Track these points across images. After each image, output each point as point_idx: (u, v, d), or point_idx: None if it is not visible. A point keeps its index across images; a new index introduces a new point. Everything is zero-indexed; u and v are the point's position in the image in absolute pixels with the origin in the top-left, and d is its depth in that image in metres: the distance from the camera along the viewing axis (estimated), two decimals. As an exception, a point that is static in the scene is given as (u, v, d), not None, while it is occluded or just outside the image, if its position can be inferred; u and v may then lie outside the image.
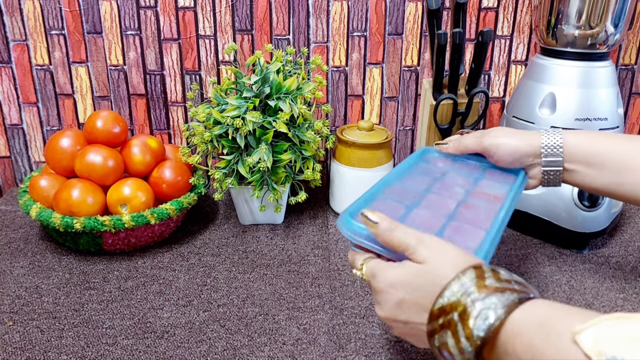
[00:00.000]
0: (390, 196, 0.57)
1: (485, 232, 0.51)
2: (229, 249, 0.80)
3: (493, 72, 0.98)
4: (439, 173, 0.64)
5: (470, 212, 0.55)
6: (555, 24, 0.78)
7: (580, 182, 0.60)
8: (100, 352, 0.59)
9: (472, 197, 0.58)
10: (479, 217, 0.54)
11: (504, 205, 0.57)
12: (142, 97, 0.97)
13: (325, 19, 0.93)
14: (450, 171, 0.64)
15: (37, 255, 0.78)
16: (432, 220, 0.53)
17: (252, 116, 0.75)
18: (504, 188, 0.60)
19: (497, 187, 0.60)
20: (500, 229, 0.53)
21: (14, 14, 0.91)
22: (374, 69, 0.96)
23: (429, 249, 0.44)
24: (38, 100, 0.97)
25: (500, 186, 0.61)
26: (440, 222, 0.53)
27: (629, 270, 0.76)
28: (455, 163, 0.67)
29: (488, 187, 0.61)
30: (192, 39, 0.93)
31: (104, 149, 0.78)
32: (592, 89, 0.77)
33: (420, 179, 0.62)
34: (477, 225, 0.53)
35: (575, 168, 0.59)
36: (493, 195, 0.59)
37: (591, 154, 0.58)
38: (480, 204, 0.57)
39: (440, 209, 0.56)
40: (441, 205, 0.56)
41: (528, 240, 0.84)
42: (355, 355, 0.59)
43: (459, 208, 0.56)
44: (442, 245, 0.45)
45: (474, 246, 0.49)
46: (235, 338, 0.62)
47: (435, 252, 0.44)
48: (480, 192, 0.59)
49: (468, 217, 0.54)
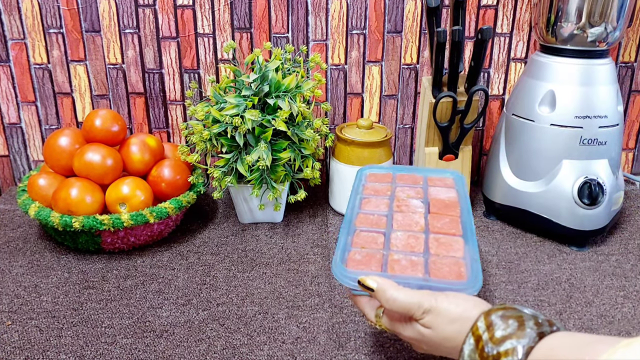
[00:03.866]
0: (363, 227, 0.59)
1: (462, 239, 0.56)
2: (228, 248, 0.80)
3: (492, 70, 0.97)
4: (388, 190, 0.67)
5: (439, 222, 0.59)
6: (554, 21, 0.77)
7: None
8: (100, 351, 0.59)
9: (432, 207, 0.62)
10: (447, 224, 0.59)
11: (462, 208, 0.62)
12: (140, 96, 0.97)
13: (324, 17, 0.92)
14: (397, 185, 0.68)
15: (35, 255, 0.77)
16: (412, 241, 0.56)
17: (251, 114, 0.75)
18: (451, 192, 0.66)
19: (445, 192, 0.66)
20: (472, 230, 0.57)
21: (12, 13, 0.91)
22: (373, 67, 0.96)
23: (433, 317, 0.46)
24: (36, 99, 0.97)
25: (447, 190, 0.66)
26: (420, 240, 0.56)
27: (629, 268, 0.76)
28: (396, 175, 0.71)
29: (438, 194, 0.65)
30: (191, 37, 0.93)
31: (102, 147, 0.78)
32: (591, 87, 0.77)
33: (375, 201, 0.65)
34: (451, 233, 0.57)
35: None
36: (447, 200, 0.63)
37: None
38: (442, 212, 0.61)
39: (412, 226, 0.59)
40: (411, 222, 0.60)
41: (528, 238, 0.84)
42: (355, 354, 0.59)
43: (427, 220, 0.60)
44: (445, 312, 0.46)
45: (460, 255, 0.53)
46: (234, 337, 0.61)
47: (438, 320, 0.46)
48: (435, 200, 0.64)
49: (439, 227, 0.58)
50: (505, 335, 0.41)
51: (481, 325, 0.43)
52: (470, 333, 0.43)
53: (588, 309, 0.67)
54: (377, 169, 0.73)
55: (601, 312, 0.67)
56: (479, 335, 0.42)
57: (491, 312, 0.43)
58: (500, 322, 0.42)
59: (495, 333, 0.41)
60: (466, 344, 0.43)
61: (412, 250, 0.54)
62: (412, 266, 0.52)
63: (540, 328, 0.41)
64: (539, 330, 0.41)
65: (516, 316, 0.42)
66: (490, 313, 0.43)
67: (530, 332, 0.40)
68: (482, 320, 0.43)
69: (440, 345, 0.47)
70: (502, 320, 0.42)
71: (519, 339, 0.40)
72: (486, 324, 0.42)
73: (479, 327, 0.43)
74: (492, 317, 0.43)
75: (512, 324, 0.41)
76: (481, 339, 0.42)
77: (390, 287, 0.48)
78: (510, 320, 0.42)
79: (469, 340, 0.43)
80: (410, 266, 0.52)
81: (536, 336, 0.40)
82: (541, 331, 0.41)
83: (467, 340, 0.43)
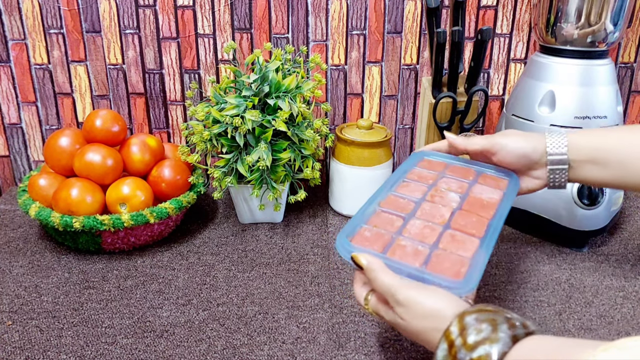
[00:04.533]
0: (386, 209, 0.58)
1: (479, 240, 0.53)
2: (229, 248, 0.80)
3: (492, 71, 0.98)
4: (432, 178, 0.65)
5: (464, 220, 0.57)
6: (554, 22, 0.78)
7: (585, 178, 0.61)
8: (100, 351, 0.59)
9: (466, 204, 0.60)
10: (472, 224, 0.56)
11: (497, 212, 0.58)
12: (141, 96, 0.97)
13: (324, 18, 0.92)
14: (444, 176, 0.65)
15: (36, 255, 0.78)
16: (427, 230, 0.55)
17: (251, 115, 0.75)
18: (497, 194, 0.62)
19: (490, 193, 0.62)
20: (493, 235, 0.54)
21: (12, 13, 0.91)
22: (373, 68, 0.96)
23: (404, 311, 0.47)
24: (37, 99, 0.97)
25: (493, 191, 0.62)
26: (435, 232, 0.55)
27: (628, 268, 0.76)
28: (450, 166, 0.67)
29: (482, 193, 0.62)
30: (191, 38, 0.93)
31: (103, 148, 0.78)
32: (591, 87, 0.77)
33: (414, 186, 0.63)
34: (471, 233, 0.54)
35: (580, 166, 0.60)
36: (486, 201, 0.60)
37: (594, 149, 0.59)
38: (473, 211, 0.58)
39: (435, 217, 0.57)
40: (435, 214, 0.58)
41: (528, 239, 0.84)
42: (355, 354, 0.59)
43: (453, 216, 0.57)
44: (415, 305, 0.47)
45: (468, 255, 0.51)
46: (234, 337, 0.62)
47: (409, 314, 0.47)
48: (474, 198, 0.61)
49: (462, 224, 0.56)
50: (478, 341, 0.41)
51: (454, 329, 0.42)
52: (443, 337, 0.43)
53: (587, 309, 0.68)
54: (434, 156, 0.69)
55: (601, 313, 0.67)
56: (452, 340, 0.42)
57: (465, 314, 0.43)
58: (473, 326, 0.42)
59: (468, 339, 0.41)
60: (439, 348, 0.43)
61: (422, 240, 0.53)
62: (414, 254, 0.51)
63: (514, 331, 0.41)
64: (513, 333, 0.40)
65: (489, 319, 0.42)
66: (464, 316, 0.43)
67: (504, 336, 0.40)
68: (455, 324, 0.43)
69: (415, 337, 0.48)
70: (476, 323, 0.42)
71: (492, 344, 0.40)
72: (459, 328, 0.42)
73: (451, 331, 0.42)
74: (466, 320, 0.43)
75: (485, 328, 0.41)
76: (454, 345, 0.42)
77: (378, 267, 0.49)
78: (483, 324, 0.42)
79: (442, 345, 0.43)
80: (413, 254, 0.51)
81: (510, 340, 0.40)
82: (515, 334, 0.40)
83: (440, 345, 0.43)
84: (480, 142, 0.64)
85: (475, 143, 0.65)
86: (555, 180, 0.62)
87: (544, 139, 0.61)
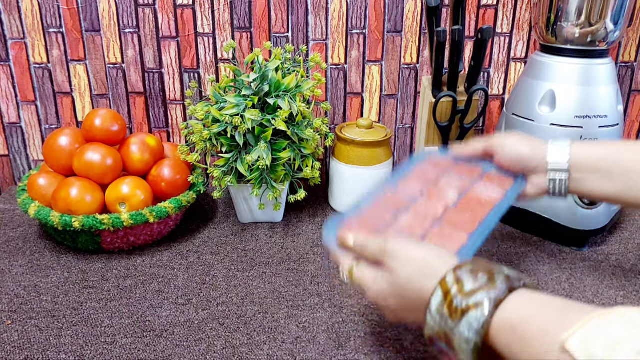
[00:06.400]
0: (380, 204, 0.58)
1: (467, 235, 0.52)
2: (228, 248, 0.80)
3: (492, 70, 0.97)
4: (436, 175, 0.64)
5: (458, 216, 0.56)
6: (554, 21, 0.77)
7: (588, 190, 0.60)
8: (99, 350, 0.59)
9: (464, 201, 0.59)
10: (465, 220, 0.55)
11: (493, 210, 0.57)
12: (140, 95, 0.97)
13: (324, 17, 0.92)
14: (448, 173, 0.64)
15: (35, 254, 0.77)
16: (416, 225, 0.55)
17: (251, 114, 0.75)
18: (498, 193, 0.60)
19: (491, 191, 0.61)
20: (484, 231, 0.53)
21: (12, 12, 0.91)
22: (373, 67, 0.96)
23: (392, 258, 0.47)
24: (36, 98, 0.97)
25: (495, 190, 0.61)
26: (425, 226, 0.54)
27: (628, 268, 0.76)
28: (456, 165, 0.66)
29: (483, 191, 0.61)
30: (191, 37, 0.93)
31: (102, 147, 0.78)
32: (591, 87, 0.77)
33: (414, 184, 0.63)
34: (461, 228, 0.54)
35: (582, 176, 0.59)
36: (485, 199, 0.59)
37: (598, 160, 0.59)
38: (469, 208, 0.57)
39: (428, 213, 0.57)
40: (429, 209, 0.57)
41: (528, 238, 0.84)
42: (355, 354, 0.59)
43: (447, 212, 0.57)
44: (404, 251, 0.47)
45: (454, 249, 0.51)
46: (234, 337, 0.61)
47: (398, 261, 0.47)
48: (474, 196, 0.60)
49: (454, 220, 0.55)
50: (475, 289, 0.41)
51: (450, 279, 0.42)
52: (438, 286, 0.43)
53: (588, 308, 0.68)
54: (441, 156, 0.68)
55: (601, 312, 0.67)
56: (448, 289, 0.42)
57: (460, 266, 0.43)
58: (469, 276, 0.42)
59: (465, 286, 0.41)
60: (434, 297, 0.43)
61: (409, 233, 0.53)
62: None
63: (511, 283, 0.41)
64: (510, 285, 0.41)
65: (486, 270, 0.42)
66: (458, 268, 0.43)
67: (501, 285, 0.41)
68: (450, 274, 0.43)
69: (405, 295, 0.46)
70: (472, 274, 0.42)
71: (489, 291, 0.40)
72: (455, 277, 0.42)
73: (447, 281, 0.42)
74: (461, 271, 0.43)
75: (481, 278, 0.41)
76: (450, 293, 0.42)
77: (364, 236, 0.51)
78: (480, 274, 0.42)
79: (437, 293, 0.42)
80: None
81: (506, 290, 0.40)
82: (512, 286, 0.41)
83: (434, 293, 0.43)
84: (481, 145, 0.65)
85: (478, 146, 0.65)
86: (555, 189, 0.61)
87: (545, 147, 0.61)
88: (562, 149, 0.60)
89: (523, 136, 0.63)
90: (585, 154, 0.59)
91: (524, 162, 0.62)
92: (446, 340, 0.41)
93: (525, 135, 0.64)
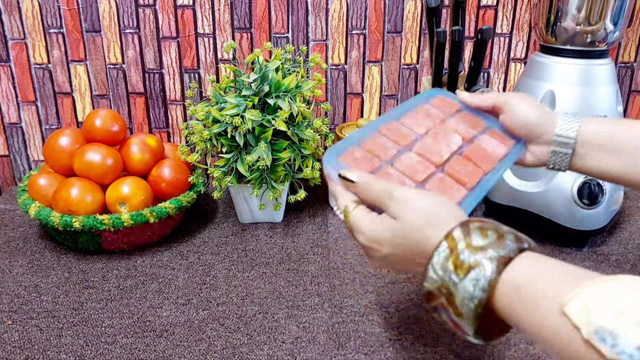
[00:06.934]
0: (386, 134, 0.56)
1: (467, 192, 0.51)
2: (228, 248, 0.80)
3: (492, 70, 0.98)
4: (442, 117, 0.61)
5: (460, 166, 0.54)
6: (554, 21, 0.77)
7: (593, 167, 0.57)
8: (100, 350, 0.59)
9: (467, 150, 0.57)
10: (467, 172, 0.53)
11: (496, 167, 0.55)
12: (141, 96, 0.97)
13: (324, 17, 0.92)
14: (454, 117, 0.62)
15: (36, 254, 0.78)
16: (419, 166, 0.52)
17: (251, 114, 0.75)
18: (502, 149, 0.58)
19: (495, 146, 0.58)
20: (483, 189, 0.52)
21: (12, 13, 0.91)
22: (373, 67, 0.96)
23: (400, 205, 0.45)
24: (37, 99, 0.97)
25: (499, 146, 0.58)
26: (427, 171, 0.52)
27: (628, 268, 0.76)
28: (462, 112, 0.63)
29: (486, 144, 0.58)
30: (191, 38, 0.93)
31: (102, 147, 0.78)
32: (591, 87, 0.77)
33: (421, 119, 0.60)
34: (462, 181, 0.52)
35: (588, 152, 0.56)
36: (490, 153, 0.57)
37: (606, 136, 0.56)
38: (473, 159, 0.55)
39: (432, 156, 0.54)
40: (434, 152, 0.55)
41: (527, 238, 0.84)
42: (355, 354, 0.59)
43: (450, 160, 0.55)
44: (412, 200, 0.45)
45: None
46: (234, 337, 0.61)
47: (405, 209, 0.45)
48: (478, 147, 0.57)
49: (456, 170, 0.53)
50: (483, 245, 0.40)
51: (457, 234, 0.41)
52: (444, 240, 0.41)
53: (587, 308, 0.68)
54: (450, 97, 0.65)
55: (601, 312, 0.67)
56: (455, 244, 0.41)
57: (468, 222, 0.42)
58: (477, 233, 0.41)
59: (473, 242, 0.40)
60: (438, 250, 0.41)
61: (410, 176, 0.51)
62: None
63: (520, 243, 0.40)
64: (519, 245, 0.40)
65: (495, 228, 0.41)
66: (467, 224, 0.42)
67: (510, 244, 0.40)
68: (458, 229, 0.41)
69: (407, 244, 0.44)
70: (480, 231, 0.41)
71: (498, 249, 0.39)
72: (463, 233, 0.41)
73: (454, 236, 0.41)
74: (470, 227, 0.41)
75: (491, 235, 0.40)
76: (456, 248, 0.40)
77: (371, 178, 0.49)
78: (489, 231, 0.41)
79: (442, 247, 0.41)
80: None
81: (516, 249, 0.39)
82: (521, 247, 0.40)
83: (439, 247, 0.41)
84: (493, 98, 0.61)
85: (488, 98, 0.61)
86: (556, 163, 0.58)
87: (555, 119, 0.57)
88: (572, 124, 0.56)
89: (534, 102, 0.60)
90: (593, 129, 0.56)
91: (530, 129, 0.58)
92: (447, 296, 0.40)
93: (537, 102, 0.60)
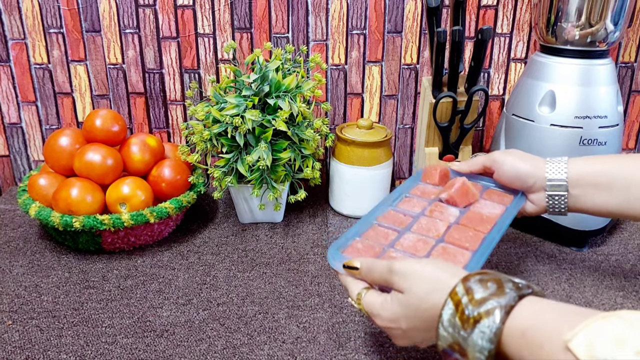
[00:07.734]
0: (382, 223, 0.59)
1: (471, 254, 0.53)
2: (229, 248, 0.80)
3: (492, 70, 0.98)
4: (435, 194, 0.65)
5: (460, 234, 0.57)
6: (554, 21, 0.77)
7: (589, 206, 0.60)
8: (100, 350, 0.59)
9: (464, 219, 0.60)
10: (467, 238, 0.56)
11: (495, 226, 0.58)
12: (141, 96, 0.97)
13: (325, 17, 0.92)
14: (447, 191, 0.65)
15: (36, 254, 0.78)
16: (420, 243, 0.55)
17: (251, 114, 0.75)
18: (499, 209, 0.62)
19: (492, 208, 0.62)
20: (487, 249, 0.54)
21: (12, 13, 0.91)
22: (374, 67, 0.96)
23: (403, 279, 0.47)
24: (37, 99, 0.97)
25: (495, 206, 0.62)
26: (428, 245, 0.55)
27: (628, 268, 0.76)
28: None
29: (483, 208, 0.62)
30: (191, 38, 0.93)
31: (103, 147, 0.78)
32: (591, 87, 0.77)
33: (415, 201, 0.64)
34: (464, 247, 0.54)
35: (582, 192, 0.60)
36: (486, 215, 0.60)
37: (597, 175, 0.58)
38: (471, 225, 0.58)
39: (430, 231, 0.57)
40: (431, 228, 0.58)
41: (527, 238, 0.84)
42: (355, 354, 0.59)
43: (449, 230, 0.57)
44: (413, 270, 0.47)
45: None
46: (234, 337, 0.62)
47: (408, 281, 0.46)
48: (474, 213, 0.61)
49: (456, 238, 0.56)
50: (485, 297, 0.41)
51: (460, 290, 0.42)
52: (448, 298, 0.43)
53: (588, 309, 0.68)
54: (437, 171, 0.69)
55: (601, 312, 0.67)
56: (459, 300, 0.42)
57: (469, 277, 0.43)
58: (478, 285, 0.42)
59: (475, 295, 0.41)
60: (445, 309, 0.43)
61: (413, 253, 0.54)
62: None
63: (520, 291, 0.41)
64: (519, 292, 0.41)
65: (495, 279, 0.42)
66: (467, 279, 0.43)
67: (510, 292, 0.41)
68: (460, 285, 0.43)
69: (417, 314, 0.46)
70: (481, 284, 0.42)
71: (499, 298, 0.40)
72: (465, 288, 0.42)
73: (457, 292, 0.42)
74: (470, 282, 0.43)
75: (491, 286, 0.42)
76: (461, 303, 0.42)
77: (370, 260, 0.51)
78: (489, 283, 0.42)
79: (448, 305, 0.42)
80: None
81: (516, 296, 0.41)
82: (521, 293, 0.41)
83: (445, 305, 0.43)
84: (481, 160, 0.65)
85: (477, 162, 0.66)
86: (555, 207, 0.62)
87: (544, 165, 0.61)
88: (560, 165, 0.60)
89: (522, 153, 0.64)
90: (583, 169, 0.59)
91: (523, 180, 0.62)
92: (460, 351, 0.41)
93: (523, 154, 0.64)
